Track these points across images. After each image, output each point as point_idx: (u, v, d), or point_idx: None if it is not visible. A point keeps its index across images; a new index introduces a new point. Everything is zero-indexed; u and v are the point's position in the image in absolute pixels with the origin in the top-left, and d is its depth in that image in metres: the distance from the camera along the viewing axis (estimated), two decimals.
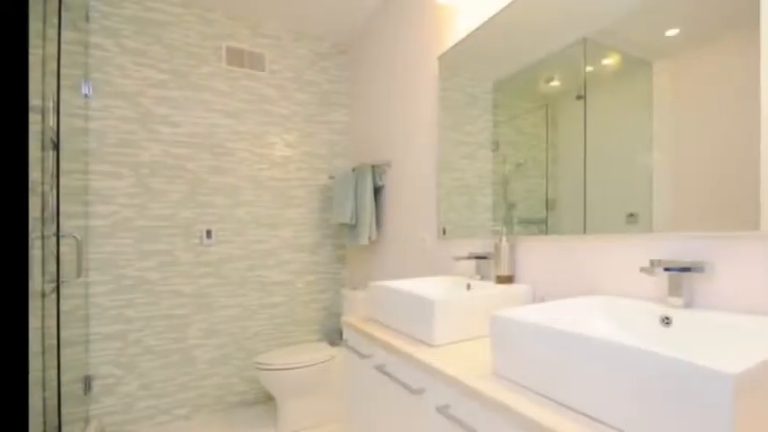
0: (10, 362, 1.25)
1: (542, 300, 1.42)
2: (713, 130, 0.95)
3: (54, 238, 1.85)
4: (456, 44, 1.84)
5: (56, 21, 1.85)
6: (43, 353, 1.80)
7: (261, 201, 2.69)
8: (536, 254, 1.45)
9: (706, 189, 0.97)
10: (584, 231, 1.26)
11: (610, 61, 1.19)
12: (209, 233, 2.50)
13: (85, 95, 2.16)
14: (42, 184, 1.77)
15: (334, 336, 2.95)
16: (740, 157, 0.90)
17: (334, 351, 2.42)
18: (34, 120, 1.67)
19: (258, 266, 2.67)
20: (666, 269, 0.98)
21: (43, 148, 1.82)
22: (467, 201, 1.78)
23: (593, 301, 1.10)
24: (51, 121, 1.79)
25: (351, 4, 2.54)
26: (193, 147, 2.48)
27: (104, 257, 2.25)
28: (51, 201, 1.83)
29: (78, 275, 1.91)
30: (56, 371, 1.85)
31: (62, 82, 1.86)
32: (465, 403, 0.92)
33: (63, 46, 1.90)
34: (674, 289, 0.99)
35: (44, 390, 1.77)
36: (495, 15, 1.61)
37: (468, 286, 1.56)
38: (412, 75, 2.22)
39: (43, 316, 1.78)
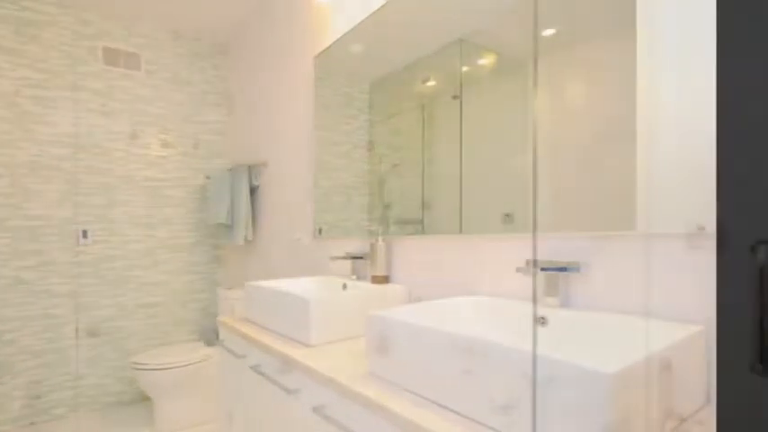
0: None
1: (419, 300, 1.56)
2: (590, 130, 1.04)
3: None
4: (332, 44, 2.04)
5: None
6: None
7: (137, 200, 3.13)
8: (412, 254, 1.61)
9: (583, 189, 1.05)
10: (461, 231, 1.38)
11: (486, 61, 1.31)
12: (85, 233, 2.91)
13: None
14: None
15: (211, 336, 3.29)
16: (617, 158, 0.98)
17: (210, 351, 2.77)
18: None
19: (135, 266, 3.12)
20: (543, 269, 1.08)
21: None
22: (343, 201, 1.96)
23: (469, 300, 1.22)
24: None
25: (227, 4, 2.93)
26: (70, 146, 2.86)
27: None
28: None
29: None
30: None
31: None
32: (340, 403, 1.00)
33: None
34: (551, 289, 1.08)
35: None
36: (370, 15, 1.79)
37: (345, 286, 1.73)
38: (289, 75, 2.53)
39: None
